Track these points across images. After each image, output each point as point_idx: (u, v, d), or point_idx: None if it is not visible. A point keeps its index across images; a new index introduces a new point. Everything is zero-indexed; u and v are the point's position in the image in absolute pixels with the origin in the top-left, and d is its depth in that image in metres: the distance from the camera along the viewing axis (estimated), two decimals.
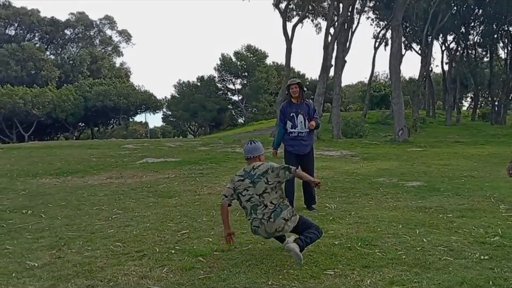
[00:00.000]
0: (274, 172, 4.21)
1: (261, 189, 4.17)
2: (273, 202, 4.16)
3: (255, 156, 4.44)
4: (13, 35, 54.42)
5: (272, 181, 4.18)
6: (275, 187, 4.19)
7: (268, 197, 4.16)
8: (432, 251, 4.46)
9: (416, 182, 8.76)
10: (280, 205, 4.18)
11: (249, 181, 4.24)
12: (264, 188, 4.16)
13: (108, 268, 4.14)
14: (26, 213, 6.55)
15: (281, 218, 4.13)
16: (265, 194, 4.16)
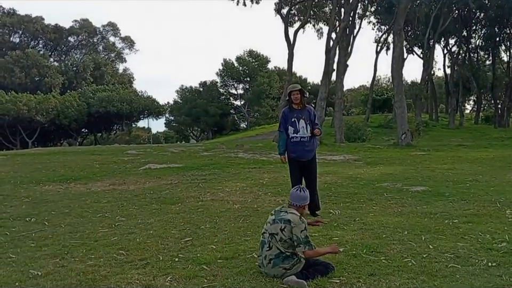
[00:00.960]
0: (293, 233, 4.00)
1: (274, 231, 4.07)
2: (279, 248, 4.02)
3: (298, 205, 4.22)
4: (17, 42, 54.82)
5: (286, 234, 4.02)
6: (285, 241, 4.03)
7: (275, 242, 4.04)
8: (438, 258, 4.41)
9: (421, 187, 8.71)
10: (285, 253, 4.01)
11: (273, 218, 4.18)
12: (277, 232, 4.05)
13: (111, 276, 4.11)
14: (30, 220, 6.53)
15: (279, 267, 4.00)
16: (273, 238, 4.05)
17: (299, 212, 4.18)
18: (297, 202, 4.22)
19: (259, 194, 8.33)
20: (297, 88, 6.54)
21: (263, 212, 6.77)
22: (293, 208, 4.19)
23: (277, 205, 7.21)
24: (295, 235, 3.98)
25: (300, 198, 4.25)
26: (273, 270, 4.02)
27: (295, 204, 4.22)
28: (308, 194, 4.31)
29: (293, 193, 4.31)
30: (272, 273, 4.02)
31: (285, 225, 4.02)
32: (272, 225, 4.11)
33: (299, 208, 4.21)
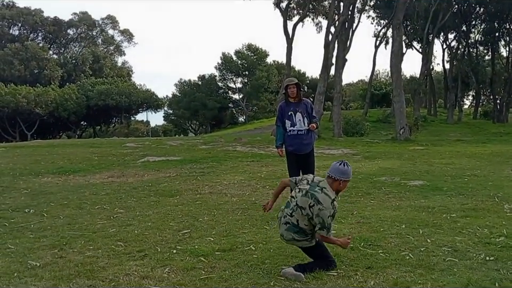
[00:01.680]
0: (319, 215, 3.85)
1: (302, 204, 3.95)
2: (298, 221, 3.96)
3: (335, 178, 3.97)
4: (17, 35, 54.56)
5: (312, 212, 3.88)
6: (310, 218, 3.92)
7: (299, 214, 3.96)
8: (436, 252, 4.42)
9: (419, 181, 8.72)
10: (301, 228, 3.96)
11: (306, 188, 4.01)
12: (305, 207, 3.93)
13: (109, 267, 4.12)
14: (29, 212, 6.53)
15: (291, 234, 3.99)
16: (298, 210, 3.97)
17: (334, 187, 3.96)
18: (334, 175, 3.96)
19: (257, 188, 8.34)
20: (293, 82, 6.52)
21: (261, 205, 6.78)
22: (328, 185, 3.96)
23: (276, 206, 7.21)
24: (322, 218, 3.84)
25: (338, 171, 3.98)
26: (285, 233, 4.02)
27: (332, 176, 3.96)
28: (349, 170, 4.03)
29: (333, 165, 4.04)
30: (283, 234, 4.04)
31: (314, 203, 3.87)
32: (302, 197, 3.97)
33: (335, 182, 3.96)
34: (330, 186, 3.97)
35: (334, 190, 3.98)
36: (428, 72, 38.02)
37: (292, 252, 4.50)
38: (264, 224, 5.66)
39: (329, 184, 3.99)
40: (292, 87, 6.41)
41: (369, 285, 3.64)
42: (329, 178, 4.01)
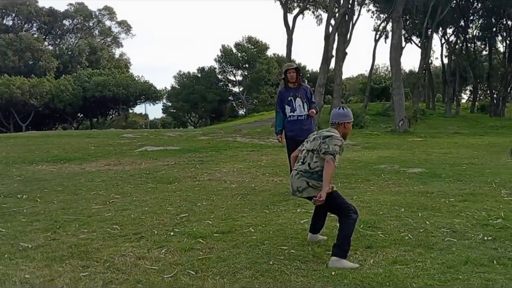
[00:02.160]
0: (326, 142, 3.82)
1: (314, 147, 3.91)
2: (310, 164, 3.89)
3: (338, 123, 4.02)
4: (11, 25, 53.82)
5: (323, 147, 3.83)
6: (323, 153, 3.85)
7: (311, 157, 3.91)
8: (435, 232, 4.38)
9: (418, 168, 8.67)
10: (314, 170, 3.86)
11: (314, 136, 4.04)
12: (316, 148, 3.88)
13: (104, 249, 4.05)
14: (21, 197, 6.42)
15: (304, 179, 3.89)
16: (310, 153, 3.93)
17: (340, 131, 3.98)
18: (336, 120, 4.01)
19: (257, 175, 8.27)
20: (293, 66, 6.45)
21: (261, 191, 6.72)
22: (334, 129, 3.99)
23: (275, 185, 7.20)
24: (328, 144, 3.81)
25: (340, 115, 4.03)
26: (298, 182, 3.93)
27: (336, 122, 4.01)
28: (349, 112, 4.08)
29: (333, 112, 4.13)
30: (296, 185, 3.95)
31: (324, 140, 3.87)
32: (312, 142, 3.98)
33: (339, 126, 4.00)
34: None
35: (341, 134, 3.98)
36: (427, 67, 37.98)
37: (292, 233, 4.45)
38: (263, 208, 5.59)
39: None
40: (291, 72, 6.34)
41: (368, 263, 3.59)
42: (333, 125, 4.03)
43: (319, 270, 3.47)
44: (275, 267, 3.54)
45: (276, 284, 3.19)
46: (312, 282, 3.22)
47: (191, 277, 3.36)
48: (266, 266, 3.56)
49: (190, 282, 3.25)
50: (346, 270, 3.45)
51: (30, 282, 3.30)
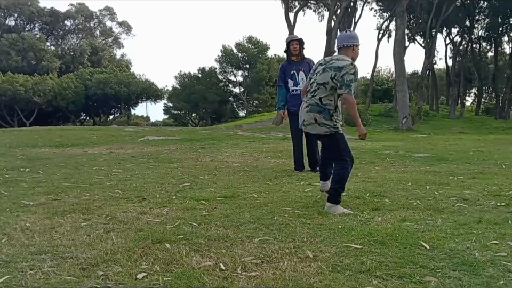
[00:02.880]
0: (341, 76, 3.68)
1: (324, 80, 3.79)
2: (321, 98, 3.79)
3: (345, 45, 3.83)
4: (13, 25, 53.79)
5: (336, 82, 3.72)
6: (335, 89, 3.74)
7: (323, 91, 3.79)
8: (444, 200, 4.27)
9: (424, 153, 8.56)
10: (325, 106, 3.78)
11: (323, 67, 3.86)
12: (327, 81, 3.76)
13: (105, 207, 3.97)
14: (24, 170, 6.36)
15: (312, 114, 3.81)
16: (321, 87, 3.81)
17: (349, 55, 3.83)
18: (345, 42, 3.83)
19: (259, 158, 8.17)
20: (296, 37, 6.35)
21: (264, 168, 6.63)
22: (343, 54, 3.84)
23: (277, 166, 7.09)
24: (342, 77, 3.68)
25: (347, 37, 3.85)
26: (306, 115, 3.89)
27: (343, 45, 3.83)
28: (356, 34, 3.91)
29: (340, 35, 3.95)
30: (304, 117, 3.92)
31: (335, 72, 3.73)
32: (321, 75, 3.84)
33: (348, 50, 3.84)
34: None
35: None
36: (431, 66, 37.82)
37: (296, 199, 4.36)
38: (266, 181, 5.50)
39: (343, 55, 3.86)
40: (294, 43, 6.24)
41: (376, 221, 3.48)
42: (341, 50, 3.88)
43: (325, 224, 3.38)
44: (280, 221, 3.45)
45: (280, 234, 3.09)
46: (318, 233, 3.12)
47: (193, 227, 3.27)
48: (271, 221, 3.47)
49: (192, 231, 3.15)
50: (354, 224, 3.35)
51: (31, 229, 3.22)
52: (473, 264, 2.48)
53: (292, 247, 2.80)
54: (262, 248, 2.80)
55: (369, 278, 2.31)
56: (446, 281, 2.27)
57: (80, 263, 2.53)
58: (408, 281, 2.27)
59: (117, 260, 2.57)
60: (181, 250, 2.73)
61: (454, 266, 2.46)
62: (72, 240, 2.95)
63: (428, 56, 33.05)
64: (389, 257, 2.60)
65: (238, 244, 2.88)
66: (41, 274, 2.37)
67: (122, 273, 2.38)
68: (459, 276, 2.33)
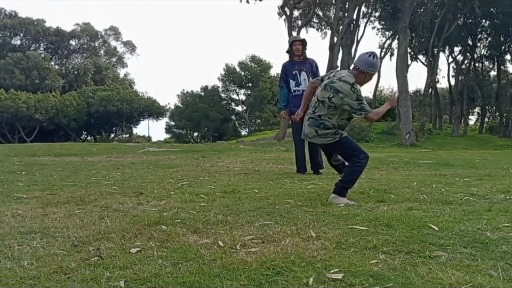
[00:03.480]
0: (345, 103, 3.63)
1: (322, 98, 3.75)
2: (320, 115, 3.76)
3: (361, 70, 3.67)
4: (18, 45, 54.27)
5: (334, 102, 3.67)
6: (334, 108, 3.69)
7: (322, 108, 3.75)
8: (452, 195, 4.13)
9: (428, 160, 8.44)
10: (323, 121, 3.74)
11: (325, 83, 3.80)
12: (324, 99, 3.73)
13: (101, 200, 3.85)
14: (21, 173, 6.24)
15: (313, 128, 3.81)
16: (320, 104, 3.77)
17: (359, 79, 3.69)
18: (361, 66, 3.67)
19: (260, 164, 8.04)
20: (300, 38, 6.29)
21: (265, 171, 6.51)
22: (353, 74, 3.70)
23: (279, 171, 6.96)
24: (348, 104, 3.63)
25: (367, 63, 3.68)
26: (308, 128, 3.89)
27: (359, 68, 3.68)
28: (378, 63, 3.79)
29: (361, 56, 3.79)
30: (306, 131, 3.92)
31: (333, 94, 3.66)
32: (322, 91, 3.79)
33: (361, 74, 3.69)
34: (355, 77, 3.70)
35: (358, 82, 3.71)
36: (433, 84, 37.84)
37: (298, 193, 4.22)
38: (268, 180, 5.37)
39: (354, 75, 3.71)
40: (297, 44, 6.17)
41: (381, 210, 3.35)
42: (355, 70, 3.74)
43: (328, 211, 3.25)
44: (281, 209, 3.33)
45: (282, 220, 2.96)
46: (321, 218, 2.98)
47: (191, 214, 3.14)
48: (272, 209, 3.34)
49: (190, 217, 3.02)
50: (358, 211, 3.22)
51: (22, 215, 3.10)
52: (485, 242, 2.35)
53: (294, 229, 2.67)
54: (263, 230, 2.67)
55: (375, 253, 2.18)
56: (457, 256, 2.13)
57: (71, 241, 2.41)
58: (417, 256, 2.14)
59: (110, 238, 2.45)
60: (177, 231, 2.60)
61: (465, 244, 2.34)
62: (64, 223, 2.83)
63: (431, 74, 33.08)
64: (396, 236, 2.47)
65: (238, 227, 2.75)
66: (29, 249, 2.25)
67: (115, 248, 2.26)
68: (471, 252, 2.20)
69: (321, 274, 1.86)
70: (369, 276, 1.84)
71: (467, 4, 30.14)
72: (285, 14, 27.42)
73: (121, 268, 1.96)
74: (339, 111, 3.72)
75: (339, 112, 3.73)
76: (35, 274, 1.87)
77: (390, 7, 31.70)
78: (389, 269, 1.95)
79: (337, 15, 22.47)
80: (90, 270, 1.93)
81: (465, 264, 2.02)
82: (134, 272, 1.90)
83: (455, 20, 32.06)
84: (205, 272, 1.89)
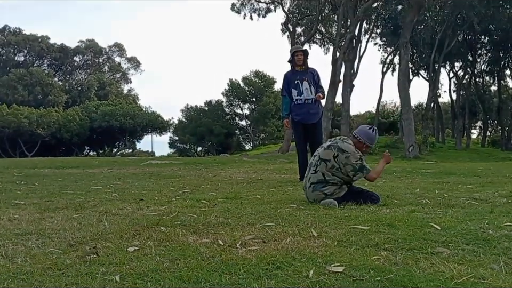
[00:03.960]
0: (348, 163, 3.75)
1: (326, 157, 3.81)
2: (324, 175, 3.78)
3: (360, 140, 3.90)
4: (22, 61, 54.54)
5: (338, 162, 3.76)
6: (337, 169, 3.77)
7: (323, 167, 3.79)
8: (454, 199, 4.09)
9: (431, 170, 8.38)
10: (328, 181, 3.78)
11: (327, 144, 3.93)
12: (329, 158, 3.78)
13: (100, 205, 3.81)
14: (20, 183, 6.21)
15: (319, 192, 3.79)
16: (322, 163, 3.81)
17: (357, 147, 3.86)
18: (361, 137, 3.90)
19: (263, 174, 8.00)
20: (301, 48, 6.32)
21: (268, 180, 6.48)
22: (353, 142, 3.89)
23: (282, 180, 6.91)
24: (350, 165, 3.75)
25: (366, 135, 3.92)
26: (313, 194, 3.83)
27: (358, 138, 3.89)
28: (376, 137, 4.02)
29: (362, 127, 4.05)
30: (312, 198, 3.85)
31: (338, 153, 3.76)
32: (325, 151, 3.86)
33: (358, 143, 3.89)
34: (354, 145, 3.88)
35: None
36: (435, 98, 37.86)
37: (301, 198, 4.19)
38: (270, 188, 5.34)
39: (353, 143, 3.90)
40: (299, 54, 6.19)
41: (384, 212, 3.30)
42: (355, 139, 3.93)
43: (330, 214, 3.21)
44: (283, 212, 3.29)
45: (284, 221, 2.92)
46: (323, 220, 2.94)
47: (192, 217, 3.10)
48: (274, 212, 3.30)
49: (190, 219, 2.98)
50: (361, 213, 3.19)
51: (19, 219, 3.06)
52: (487, 239, 2.32)
53: (296, 230, 2.63)
54: (264, 230, 2.63)
55: (377, 250, 2.14)
56: (459, 252, 2.09)
57: (68, 241, 2.37)
58: (419, 252, 2.09)
59: (108, 239, 2.41)
60: (177, 231, 2.56)
61: (467, 241, 2.30)
62: (61, 226, 2.80)
63: (432, 89, 33.12)
64: (398, 235, 2.43)
65: (239, 228, 2.71)
66: (24, 248, 2.21)
67: (112, 247, 2.22)
68: (473, 248, 2.17)
69: (321, 267, 1.82)
70: (370, 269, 1.79)
71: (466, 21, 30.35)
72: (288, 30, 27.64)
73: (117, 264, 1.92)
74: (339, 174, 3.78)
75: (339, 176, 3.80)
76: (28, 270, 1.83)
77: (391, 23, 31.91)
78: (390, 263, 1.91)
79: (339, 31, 22.57)
80: (85, 266, 1.89)
81: (468, 259, 1.98)
82: (130, 268, 1.86)
83: (455, 36, 32.24)
84: (203, 267, 1.85)
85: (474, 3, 25.50)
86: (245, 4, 28.24)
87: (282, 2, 28.18)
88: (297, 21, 28.31)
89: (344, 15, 22.43)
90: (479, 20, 29.56)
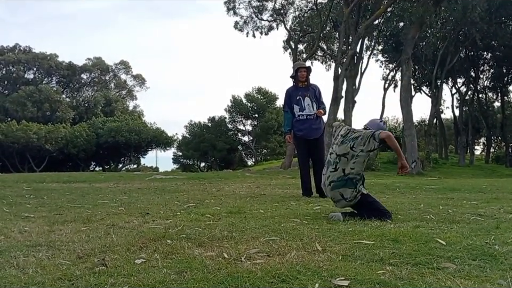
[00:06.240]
0: (362, 140, 3.79)
1: (344, 151, 3.84)
2: (344, 170, 3.80)
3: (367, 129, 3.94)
4: (31, 78, 55.34)
5: (356, 149, 3.79)
6: (357, 156, 3.80)
7: (344, 162, 3.82)
8: (460, 215, 4.10)
9: (435, 186, 8.39)
10: (350, 179, 3.80)
11: (341, 140, 3.95)
12: (347, 151, 3.82)
13: (108, 219, 3.86)
14: (29, 197, 6.28)
15: (338, 191, 3.82)
16: (342, 158, 3.83)
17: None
18: (371, 128, 3.92)
19: (266, 188, 8.04)
20: (305, 65, 6.41)
21: (271, 195, 6.51)
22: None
23: (285, 194, 6.94)
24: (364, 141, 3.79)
25: (378, 127, 3.93)
26: (331, 193, 3.89)
27: (368, 129, 3.92)
28: (385, 127, 4.06)
29: (372, 120, 4.08)
30: (330, 195, 3.93)
31: (353, 142, 3.81)
32: (340, 146, 3.90)
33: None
34: None
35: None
36: (438, 114, 37.92)
37: (304, 213, 4.22)
38: (273, 203, 5.36)
39: None
40: (302, 70, 6.27)
41: (388, 228, 3.32)
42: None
43: (334, 228, 3.24)
44: (287, 227, 3.32)
45: (288, 236, 2.95)
46: (327, 234, 2.97)
47: (197, 230, 3.14)
48: (278, 226, 3.34)
49: (196, 232, 3.02)
50: (365, 228, 3.21)
51: (29, 231, 3.11)
52: (494, 254, 2.33)
53: (300, 244, 2.66)
54: (268, 244, 2.66)
55: (382, 265, 2.17)
56: (465, 268, 2.11)
57: (77, 253, 2.42)
58: (424, 267, 2.12)
59: (116, 251, 2.45)
60: (183, 244, 2.60)
61: (474, 257, 2.31)
62: (70, 238, 2.84)
63: (435, 105, 33.21)
64: (403, 250, 2.46)
65: (243, 242, 2.75)
66: (35, 259, 2.26)
67: (120, 259, 2.26)
68: (479, 264, 2.18)
69: (327, 281, 1.85)
70: (376, 283, 1.82)
71: (468, 37, 30.54)
72: (290, 47, 27.89)
73: (126, 275, 1.96)
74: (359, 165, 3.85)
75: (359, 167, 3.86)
76: (40, 280, 1.88)
77: (393, 40, 32.16)
78: (396, 278, 1.94)
79: (341, 48, 22.75)
80: (94, 277, 1.93)
81: (474, 275, 2.00)
82: (138, 279, 1.90)
83: (457, 52, 32.41)
84: (210, 279, 1.89)
85: (476, 20, 25.68)
86: (247, 22, 28.59)
87: (284, 20, 28.54)
88: (299, 38, 28.56)
89: (345, 32, 22.62)
90: (481, 36, 29.74)
